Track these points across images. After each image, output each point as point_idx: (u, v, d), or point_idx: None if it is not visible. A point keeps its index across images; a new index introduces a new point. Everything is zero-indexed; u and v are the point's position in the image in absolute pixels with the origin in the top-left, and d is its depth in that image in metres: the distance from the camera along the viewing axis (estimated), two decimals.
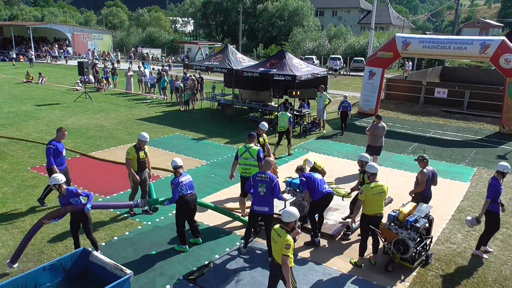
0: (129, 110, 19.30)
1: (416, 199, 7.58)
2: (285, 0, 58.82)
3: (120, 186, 9.76)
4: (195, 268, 6.60)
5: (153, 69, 31.14)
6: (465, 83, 24.38)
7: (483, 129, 17.70)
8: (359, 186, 7.85)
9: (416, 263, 6.66)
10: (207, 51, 44.41)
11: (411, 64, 35.65)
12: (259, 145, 8.87)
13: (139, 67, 25.71)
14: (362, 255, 6.80)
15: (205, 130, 15.83)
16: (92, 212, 6.93)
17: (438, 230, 8.10)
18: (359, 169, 7.95)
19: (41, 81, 27.08)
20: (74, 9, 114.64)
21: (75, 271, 5.60)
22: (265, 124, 9.95)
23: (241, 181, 8.36)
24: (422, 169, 7.66)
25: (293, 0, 59.15)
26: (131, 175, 8.09)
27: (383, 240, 6.69)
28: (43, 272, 5.29)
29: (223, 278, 6.38)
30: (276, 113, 17.72)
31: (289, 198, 8.26)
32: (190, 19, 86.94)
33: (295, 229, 5.11)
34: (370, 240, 6.84)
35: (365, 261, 6.85)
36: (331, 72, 34.89)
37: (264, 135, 9.67)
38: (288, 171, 10.69)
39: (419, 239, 6.61)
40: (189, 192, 6.90)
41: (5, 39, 50.06)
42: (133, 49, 54.20)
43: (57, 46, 49.73)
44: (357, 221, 7.30)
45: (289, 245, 4.81)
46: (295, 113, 16.15)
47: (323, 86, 16.48)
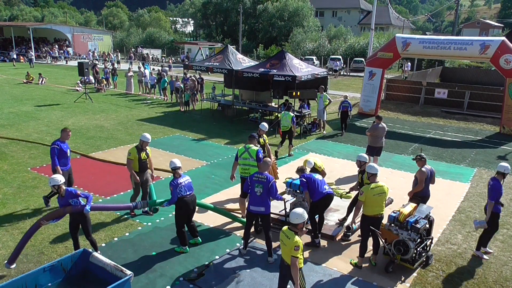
0: (129, 110, 19.30)
1: (416, 199, 7.58)
2: (285, 0, 58.85)
3: (120, 186, 9.76)
4: (195, 269, 6.61)
5: (153, 69, 31.16)
6: (465, 83, 24.40)
7: (483, 130, 17.70)
8: (358, 186, 7.87)
9: (416, 264, 6.65)
10: (207, 51, 44.43)
11: (410, 64, 35.66)
12: (259, 145, 8.88)
13: (139, 68, 25.72)
14: (362, 256, 6.80)
15: (205, 130, 15.83)
16: (92, 213, 6.93)
17: (438, 231, 8.09)
18: (358, 170, 7.95)
19: (41, 81, 27.10)
20: (74, 9, 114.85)
21: (75, 272, 5.60)
22: (265, 124, 9.96)
23: (241, 182, 8.37)
24: (420, 168, 7.68)
25: (293, 0, 59.18)
26: (134, 176, 8.09)
27: (384, 241, 6.69)
28: (43, 273, 5.29)
29: (223, 279, 6.38)
30: (276, 114, 17.74)
31: (290, 199, 8.25)
32: (190, 19, 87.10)
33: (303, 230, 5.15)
34: (370, 240, 6.84)
35: (365, 262, 6.85)
36: (331, 72, 34.90)
37: (264, 135, 9.67)
38: (288, 172, 10.68)
39: (419, 240, 6.61)
40: (188, 193, 6.89)
41: (5, 40, 50.10)
42: (133, 49, 54.26)
43: (57, 46, 49.78)
44: (358, 222, 7.30)
45: (298, 247, 4.86)
46: (295, 113, 16.12)
47: (323, 86, 16.49)
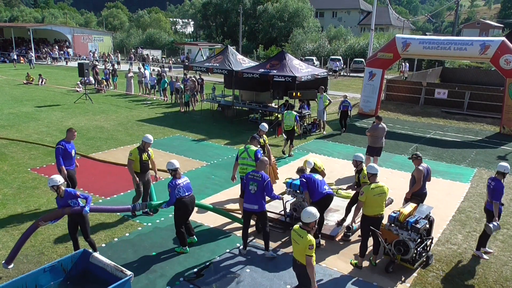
0: (129, 111, 19.31)
1: (414, 198, 7.60)
2: (285, 1, 58.84)
3: (120, 187, 9.76)
4: (196, 269, 6.61)
5: (153, 70, 31.17)
6: (465, 83, 24.39)
7: (484, 130, 17.70)
8: (355, 186, 7.98)
9: (416, 264, 6.65)
10: (207, 52, 44.44)
11: (408, 65, 35.66)
12: (259, 146, 8.88)
13: (139, 69, 25.73)
14: (362, 256, 6.80)
15: (205, 131, 15.83)
16: (92, 213, 6.93)
17: (438, 231, 8.09)
18: (355, 169, 8.01)
19: (41, 82, 27.11)
20: (74, 10, 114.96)
21: (76, 273, 5.60)
22: (265, 125, 9.97)
23: (240, 182, 8.36)
24: (417, 167, 7.71)
25: (293, 1, 59.18)
26: (133, 176, 8.08)
27: (384, 241, 6.69)
28: (43, 273, 5.29)
29: (224, 279, 6.37)
30: (276, 114, 17.75)
31: (290, 199, 8.25)
32: (190, 20, 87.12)
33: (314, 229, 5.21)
34: (370, 241, 6.84)
35: (365, 262, 6.85)
36: (331, 73, 34.91)
37: (264, 136, 9.67)
38: (288, 172, 10.68)
39: (419, 240, 6.61)
40: (186, 194, 6.87)
41: (5, 41, 50.14)
42: (133, 50, 54.28)
43: (57, 47, 49.81)
44: (358, 222, 7.30)
45: (312, 245, 4.90)
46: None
47: (323, 87, 16.50)
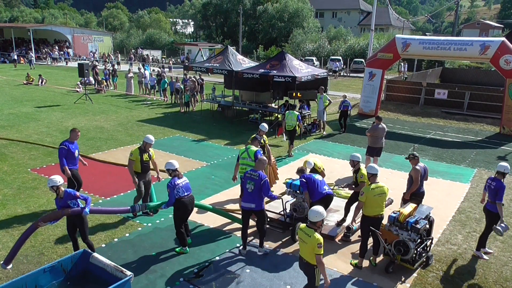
0: (129, 111, 19.31)
1: (414, 199, 7.60)
2: (285, 1, 58.86)
3: (120, 187, 9.76)
4: (196, 269, 6.61)
5: (153, 70, 31.17)
6: (465, 84, 24.41)
7: (483, 130, 17.70)
8: (352, 185, 8.04)
9: (416, 264, 6.65)
10: (207, 52, 44.44)
11: (406, 65, 35.63)
12: (259, 146, 8.90)
13: (139, 69, 25.73)
14: (362, 256, 6.80)
15: (205, 131, 15.83)
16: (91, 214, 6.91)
17: (438, 231, 8.09)
18: (352, 169, 8.05)
19: (41, 82, 27.11)
20: (74, 10, 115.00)
21: (76, 273, 5.59)
22: (265, 125, 9.97)
23: (241, 182, 8.36)
24: (414, 166, 7.74)
25: (293, 1, 59.19)
26: (132, 176, 8.08)
27: (384, 241, 6.69)
28: (43, 273, 5.28)
29: (224, 279, 6.37)
30: (276, 114, 17.76)
31: (290, 199, 8.25)
32: (190, 20, 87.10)
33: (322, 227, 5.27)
34: (370, 241, 6.84)
35: (365, 262, 6.85)
36: (331, 73, 34.91)
37: (264, 136, 9.68)
38: (288, 173, 10.68)
39: (419, 240, 6.61)
40: (186, 194, 6.86)
41: (6, 41, 50.17)
42: (133, 50, 54.29)
43: (57, 48, 49.82)
44: (358, 222, 7.30)
45: (320, 244, 4.97)
46: None
47: (323, 87, 16.50)
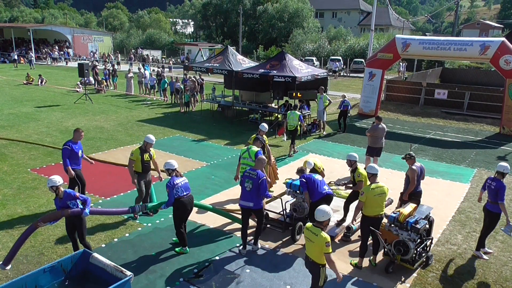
0: (129, 111, 19.31)
1: (412, 199, 7.62)
2: (285, 1, 58.86)
3: (120, 187, 9.76)
4: (196, 269, 6.61)
5: (153, 70, 31.17)
6: (465, 84, 24.41)
7: (483, 130, 17.70)
8: (349, 184, 8.11)
9: (416, 264, 6.66)
10: (207, 52, 44.44)
11: (405, 65, 35.60)
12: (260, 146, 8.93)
13: (139, 69, 25.74)
14: (362, 256, 6.80)
15: (205, 131, 15.83)
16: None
17: (438, 231, 8.10)
18: (349, 169, 8.08)
19: (41, 82, 27.10)
20: (74, 11, 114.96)
21: (75, 273, 5.58)
22: (265, 125, 9.98)
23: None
24: (410, 166, 7.76)
25: (293, 1, 59.19)
26: (132, 176, 8.08)
27: (384, 241, 6.69)
28: (43, 274, 5.27)
29: (223, 279, 6.38)
30: (276, 115, 17.77)
31: (290, 199, 8.25)
32: (190, 20, 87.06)
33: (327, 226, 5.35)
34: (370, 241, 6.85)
35: (365, 262, 6.84)
36: (331, 73, 34.91)
37: (264, 136, 9.68)
38: (288, 173, 10.69)
39: (419, 240, 6.61)
40: (185, 193, 6.86)
41: (6, 41, 50.16)
42: (133, 50, 54.28)
43: (57, 48, 49.82)
44: (358, 222, 7.30)
45: (328, 243, 5.03)
46: None
47: (323, 87, 16.50)
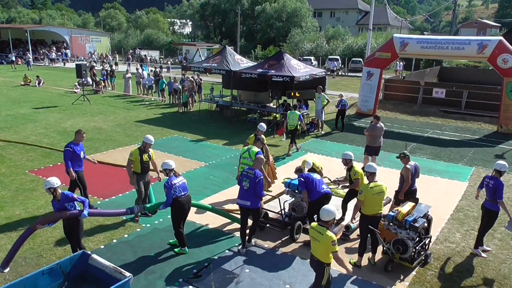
0: (127, 112, 19.28)
1: (407, 197, 7.65)
2: (283, 1, 58.88)
3: (119, 188, 9.75)
4: (195, 270, 6.61)
5: (151, 71, 31.13)
6: (463, 83, 24.38)
7: (481, 129, 17.73)
8: (345, 183, 8.19)
9: (415, 262, 6.67)
10: (205, 52, 44.42)
11: (402, 64, 35.59)
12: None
13: (137, 69, 25.70)
14: (361, 255, 6.81)
15: (204, 131, 15.82)
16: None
17: (437, 229, 8.11)
18: (345, 168, 8.11)
19: (38, 83, 27.04)
20: (72, 11, 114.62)
21: (74, 275, 5.57)
22: (264, 125, 10.00)
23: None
24: (405, 165, 7.80)
25: (291, 1, 59.21)
26: (130, 176, 8.08)
27: (383, 240, 6.70)
28: (42, 276, 5.26)
29: (223, 279, 6.38)
30: (274, 114, 17.77)
31: (288, 199, 8.26)
32: (188, 20, 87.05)
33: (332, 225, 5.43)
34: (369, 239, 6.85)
35: (364, 260, 6.86)
36: (329, 73, 34.91)
37: (262, 136, 9.70)
38: (287, 172, 10.68)
39: (418, 239, 6.62)
40: (182, 193, 6.86)
41: (3, 42, 50.00)
42: (131, 51, 54.19)
43: (55, 48, 49.72)
44: (356, 220, 7.32)
45: (334, 241, 5.09)
46: None
47: (321, 87, 16.51)
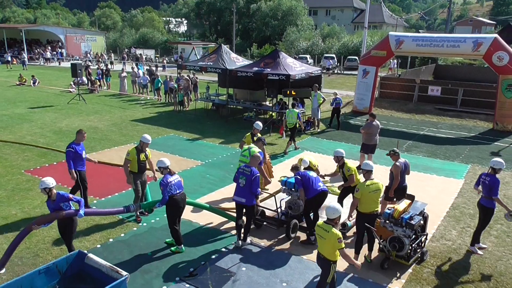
0: (123, 111, 19.22)
1: (397, 193, 7.73)
2: None
3: (115, 187, 9.72)
4: (191, 268, 6.60)
5: (146, 70, 31.03)
6: (458, 80, 24.45)
7: (477, 126, 17.82)
8: (335, 176, 8.46)
9: (411, 260, 6.69)
10: (201, 51, 44.32)
11: (395, 62, 35.66)
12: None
13: (132, 68, 25.62)
14: (358, 252, 6.83)
15: (200, 130, 15.80)
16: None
17: (433, 227, 8.14)
18: (337, 165, 8.19)
19: (33, 83, 26.89)
20: (66, 10, 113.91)
21: (71, 274, 5.56)
22: (260, 123, 10.02)
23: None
24: (395, 162, 7.85)
25: None
26: (127, 176, 8.05)
27: (379, 237, 6.72)
28: (38, 275, 5.25)
29: (220, 278, 6.38)
30: (270, 113, 17.78)
31: (285, 197, 8.27)
32: (183, 19, 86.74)
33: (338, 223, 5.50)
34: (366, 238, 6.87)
35: (360, 258, 6.88)
36: (325, 71, 34.92)
37: (258, 134, 9.71)
38: (283, 171, 10.70)
39: (414, 236, 6.65)
40: (178, 191, 6.86)
41: None
42: (126, 50, 54.00)
43: (50, 48, 49.43)
44: (353, 218, 7.33)
45: (340, 239, 5.16)
46: None
47: (317, 85, 16.53)
